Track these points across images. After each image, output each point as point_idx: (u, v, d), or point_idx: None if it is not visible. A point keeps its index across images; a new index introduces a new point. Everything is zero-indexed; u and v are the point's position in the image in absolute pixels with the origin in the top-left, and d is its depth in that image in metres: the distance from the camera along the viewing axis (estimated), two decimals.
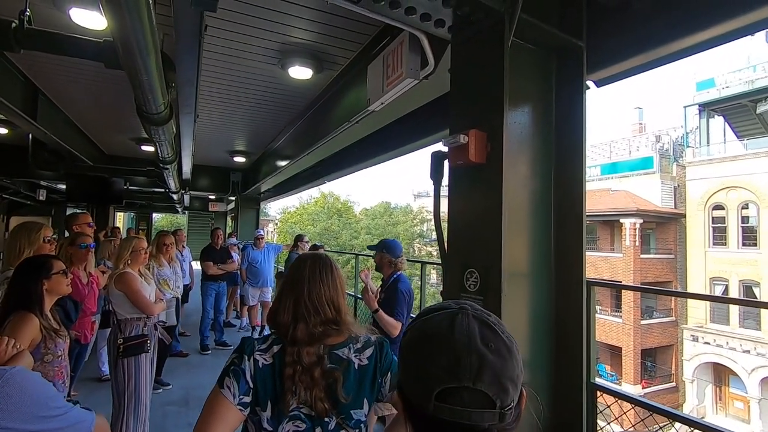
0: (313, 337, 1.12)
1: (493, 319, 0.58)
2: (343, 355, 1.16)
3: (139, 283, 2.87)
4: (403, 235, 29.89)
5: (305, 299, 1.15)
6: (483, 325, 0.55)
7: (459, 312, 0.57)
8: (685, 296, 19.00)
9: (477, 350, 0.52)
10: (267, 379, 1.09)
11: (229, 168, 9.12)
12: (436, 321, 0.57)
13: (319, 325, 1.13)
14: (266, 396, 1.09)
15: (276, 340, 1.14)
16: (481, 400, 0.51)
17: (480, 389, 0.51)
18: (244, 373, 1.08)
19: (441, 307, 0.59)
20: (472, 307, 0.58)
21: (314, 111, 4.44)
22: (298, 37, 3.06)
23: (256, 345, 1.13)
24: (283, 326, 1.14)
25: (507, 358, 0.54)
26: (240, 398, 1.06)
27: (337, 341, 1.18)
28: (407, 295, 2.85)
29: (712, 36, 1.68)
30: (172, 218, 33.55)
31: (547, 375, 1.86)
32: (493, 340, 0.54)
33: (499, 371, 0.52)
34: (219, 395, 1.07)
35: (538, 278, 1.85)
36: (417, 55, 2.16)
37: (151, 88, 2.20)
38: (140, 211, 15.37)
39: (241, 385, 1.07)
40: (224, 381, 1.08)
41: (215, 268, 5.95)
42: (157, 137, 3.30)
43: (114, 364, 2.78)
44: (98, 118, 5.57)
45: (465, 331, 0.54)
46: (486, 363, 0.52)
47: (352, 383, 1.14)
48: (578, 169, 1.86)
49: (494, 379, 0.52)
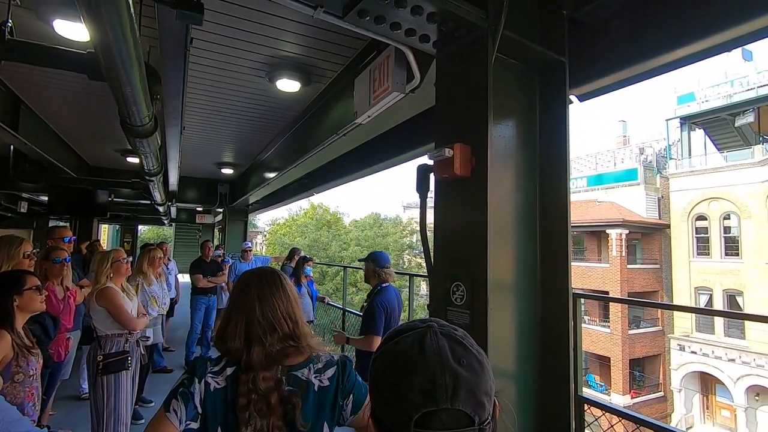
0: (270, 357, 1.04)
1: (460, 334, 0.57)
2: (303, 377, 1.09)
3: (121, 298, 2.81)
4: (393, 246, 29.87)
5: (258, 318, 1.07)
6: (452, 341, 0.55)
7: (427, 331, 0.55)
8: (670, 308, 19.23)
9: (450, 369, 0.51)
10: (218, 405, 1.01)
11: (217, 180, 9.05)
12: (406, 344, 0.55)
13: (277, 343, 1.06)
14: (216, 423, 1.01)
15: (230, 362, 1.07)
16: (460, 419, 0.50)
17: (458, 408, 0.50)
18: (192, 397, 1.00)
19: (408, 328, 0.58)
20: (438, 323, 0.58)
21: (302, 123, 4.44)
22: (285, 51, 3.07)
23: (208, 366, 1.05)
24: (235, 351, 1.05)
25: (480, 373, 0.53)
26: (187, 424, 0.99)
27: (296, 361, 1.10)
28: (382, 308, 2.85)
29: (690, 53, 1.73)
30: (159, 230, 33.04)
31: (534, 388, 1.84)
32: (465, 355, 0.53)
33: (474, 387, 0.52)
34: (163, 419, 0.98)
35: (525, 291, 1.85)
36: (403, 69, 2.17)
37: (135, 100, 2.18)
38: (125, 223, 15.11)
39: (189, 410, 0.99)
40: (171, 404, 1.00)
41: (205, 281, 5.88)
42: (141, 149, 3.25)
43: (93, 382, 2.71)
44: (82, 130, 5.49)
45: (436, 350, 0.53)
46: (461, 381, 0.51)
47: (311, 407, 1.06)
48: (562, 182, 1.88)
49: (470, 395, 0.51)
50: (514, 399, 1.79)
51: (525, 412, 1.81)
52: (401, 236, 31.73)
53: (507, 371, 1.78)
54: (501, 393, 1.59)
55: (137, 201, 8.62)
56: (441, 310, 1.77)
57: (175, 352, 6.18)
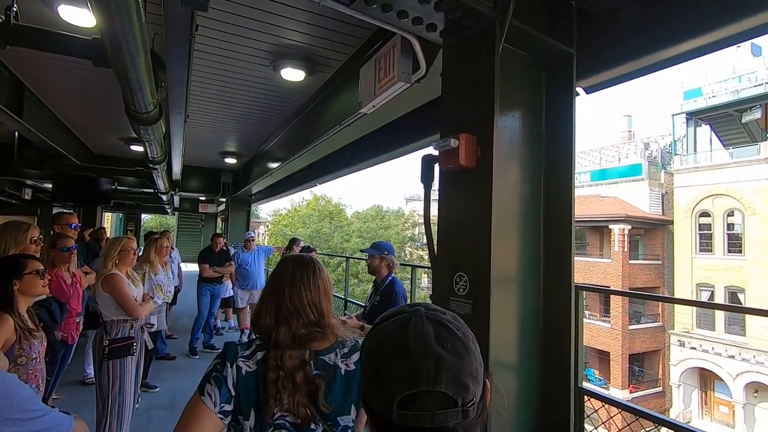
0: (296, 339, 1.09)
1: (448, 317, 0.57)
2: (330, 361, 1.14)
3: (126, 285, 2.83)
4: (395, 238, 29.91)
5: (286, 302, 1.12)
6: (438, 326, 0.55)
7: (412, 315, 0.56)
8: (671, 301, 19.24)
9: (433, 352, 0.52)
10: (250, 387, 1.06)
11: (220, 169, 9.06)
12: (391, 328, 0.56)
13: (303, 327, 1.11)
14: (249, 404, 1.05)
15: (260, 346, 1.11)
16: (442, 400, 0.51)
17: (440, 390, 0.51)
18: (226, 381, 1.04)
19: (395, 312, 0.58)
20: (426, 308, 0.58)
21: (306, 113, 4.42)
22: (290, 39, 3.06)
23: (239, 351, 1.09)
24: (266, 330, 1.11)
25: (464, 355, 0.53)
26: (221, 406, 1.03)
27: (322, 346, 1.15)
28: (404, 299, 2.88)
29: (698, 45, 1.71)
30: (162, 219, 33.18)
31: (535, 379, 1.86)
32: (449, 339, 0.54)
33: (457, 369, 0.52)
34: (199, 402, 1.02)
35: (527, 283, 1.86)
36: (409, 58, 2.16)
37: (140, 87, 2.17)
38: (129, 211, 15.17)
39: (222, 393, 1.03)
40: (205, 388, 1.04)
41: (211, 270, 5.95)
42: (146, 137, 3.26)
43: (99, 367, 2.74)
44: (86, 117, 5.49)
45: (419, 334, 0.53)
46: (443, 364, 0.51)
47: (339, 389, 1.11)
48: (567, 176, 1.88)
49: (453, 378, 0.51)
50: (516, 389, 1.81)
51: (526, 402, 1.82)
52: (403, 228, 31.77)
53: (509, 362, 1.80)
54: (502, 382, 1.60)
55: (141, 189, 8.65)
56: (444, 300, 1.77)
57: (178, 340, 6.24)
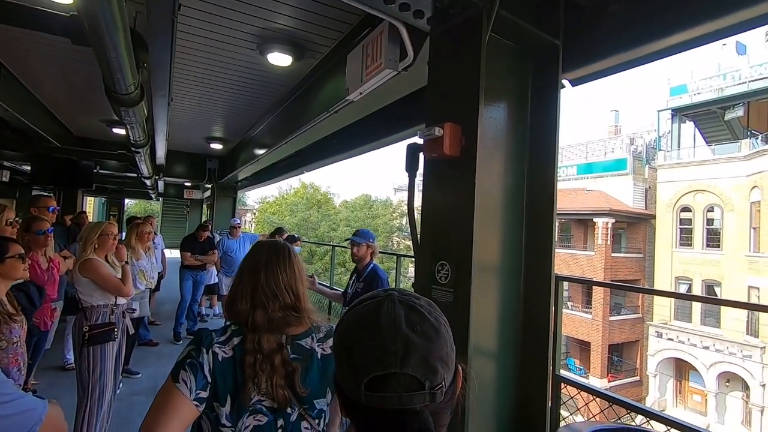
0: (272, 323, 1.09)
1: (421, 303, 0.58)
2: (307, 345, 1.14)
3: (106, 267, 2.79)
4: (382, 228, 29.96)
5: (262, 285, 1.12)
6: (409, 309, 0.55)
7: (385, 299, 0.57)
8: (647, 292, 19.73)
9: (402, 335, 0.53)
10: (227, 373, 1.04)
11: (206, 155, 8.91)
12: (364, 311, 0.57)
13: (279, 310, 1.11)
14: (226, 390, 1.04)
15: (235, 331, 1.10)
16: (410, 383, 0.52)
17: (407, 373, 0.51)
18: (202, 367, 1.02)
19: (370, 297, 0.59)
20: (399, 292, 0.59)
21: (293, 99, 4.37)
22: (278, 23, 3.00)
23: (214, 337, 1.08)
24: (242, 314, 1.11)
25: (434, 339, 0.54)
26: (197, 393, 1.01)
27: (299, 330, 1.16)
28: (387, 284, 2.99)
29: (684, 40, 1.73)
30: (146, 205, 32.62)
31: (514, 366, 1.89)
32: (420, 323, 0.54)
33: (426, 353, 0.53)
34: (173, 389, 1.00)
35: (509, 272, 1.88)
36: (396, 46, 2.14)
37: (119, 67, 2.11)
38: (111, 196, 14.85)
39: (198, 380, 1.01)
40: (179, 375, 1.01)
41: (192, 258, 5.88)
42: (127, 119, 3.18)
43: (79, 352, 2.71)
44: (66, 97, 5.33)
45: (390, 317, 0.54)
46: (412, 346, 0.52)
47: (316, 373, 1.12)
48: (550, 167, 1.89)
49: (421, 361, 0.52)
50: (495, 375, 1.84)
51: (504, 389, 1.86)
52: (391, 218, 31.80)
53: (488, 349, 1.83)
54: (482, 368, 1.62)
55: (124, 174, 8.48)
56: (426, 288, 1.79)
57: (161, 327, 6.20)
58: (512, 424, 1.87)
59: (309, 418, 1.11)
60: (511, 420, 1.87)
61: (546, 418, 1.86)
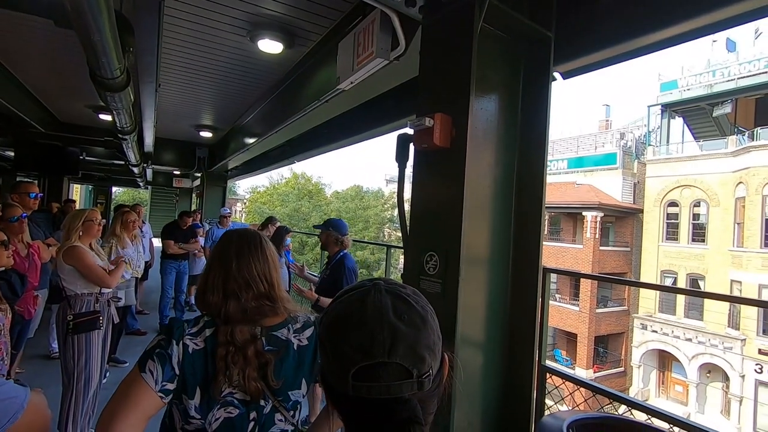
0: (246, 313, 1.07)
1: (407, 291, 0.58)
2: (283, 336, 1.12)
3: (90, 256, 2.75)
4: (374, 219, 29.96)
5: (234, 274, 1.09)
6: (396, 299, 0.55)
7: (371, 289, 0.56)
8: (632, 285, 20.08)
9: (390, 324, 0.52)
10: (197, 365, 1.01)
11: (195, 143, 8.78)
12: (350, 301, 0.56)
13: (252, 300, 1.08)
14: (195, 383, 1.01)
15: (208, 323, 1.07)
16: (397, 371, 0.52)
17: (395, 362, 0.51)
18: (170, 358, 0.99)
19: (355, 287, 0.59)
20: (385, 282, 0.58)
21: (284, 87, 4.31)
22: (268, 9, 2.94)
23: (186, 328, 1.05)
24: (214, 305, 1.07)
25: (421, 328, 0.54)
26: (163, 384, 0.98)
27: (274, 321, 1.13)
28: (353, 271, 2.99)
29: (676, 34, 1.73)
30: (134, 193, 32.20)
31: (501, 356, 1.92)
32: (407, 311, 0.54)
33: (414, 341, 0.53)
34: (138, 379, 0.97)
35: (497, 264, 1.89)
36: (388, 34, 2.11)
37: (104, 50, 2.06)
38: (99, 183, 14.62)
39: (165, 371, 0.98)
40: (146, 364, 0.98)
41: (176, 247, 5.80)
42: (113, 105, 3.11)
43: (63, 341, 2.68)
44: (51, 81, 5.20)
45: (377, 306, 0.54)
46: (399, 335, 0.52)
47: (292, 364, 1.10)
48: (540, 160, 1.90)
49: (409, 349, 0.52)
50: (482, 365, 1.86)
51: (491, 378, 1.88)
52: (382, 209, 31.80)
53: (476, 339, 1.84)
54: (469, 358, 1.63)
55: (111, 161, 8.33)
56: (414, 278, 1.79)
57: (148, 316, 6.16)
58: (498, 413, 1.90)
59: (283, 410, 1.09)
60: (497, 409, 1.90)
61: (531, 407, 1.90)
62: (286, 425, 1.10)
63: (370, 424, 0.53)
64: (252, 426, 1.05)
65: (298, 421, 1.14)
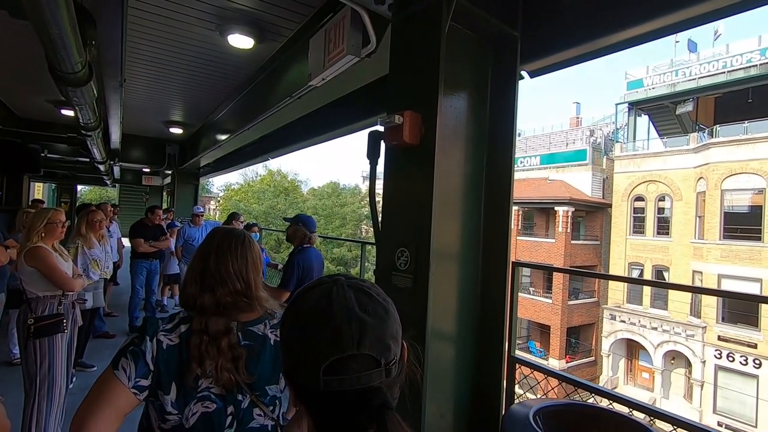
0: (220, 306, 1.08)
1: (367, 285, 0.60)
2: (259, 332, 1.14)
3: (54, 257, 2.65)
4: (351, 216, 29.87)
5: (212, 270, 1.11)
6: (358, 292, 0.57)
7: (333, 285, 0.58)
8: (600, 277, 20.80)
9: (357, 317, 0.54)
10: (171, 361, 1.02)
11: (165, 139, 8.53)
12: (314, 299, 0.57)
13: (228, 295, 1.10)
14: (170, 378, 1.02)
15: (183, 319, 1.09)
16: (367, 362, 0.54)
17: (364, 353, 0.53)
18: (144, 355, 1.00)
19: (315, 284, 0.60)
20: (346, 277, 0.60)
21: (256, 83, 4.25)
22: (237, 2, 2.89)
23: (160, 325, 1.06)
24: (191, 297, 1.10)
25: (385, 319, 0.57)
26: (136, 381, 0.98)
27: (251, 317, 1.15)
28: (299, 266, 3.05)
29: (639, 33, 1.79)
30: (101, 191, 31.03)
31: (472, 348, 1.96)
32: (370, 304, 0.57)
33: (380, 332, 0.55)
34: (111, 376, 0.97)
35: (467, 258, 1.94)
36: (359, 32, 2.12)
37: (63, 44, 1.98)
38: (62, 182, 13.99)
39: (139, 368, 0.99)
40: (119, 362, 0.99)
41: (146, 245, 5.62)
42: (75, 100, 2.99)
43: (24, 346, 2.57)
44: (7, 75, 4.94)
45: (342, 301, 0.55)
46: (366, 327, 0.54)
47: (269, 359, 1.11)
48: (508, 156, 1.95)
49: (376, 340, 0.54)
50: (453, 356, 1.90)
51: (462, 370, 1.93)
52: (360, 206, 31.74)
53: (447, 332, 1.88)
54: (441, 350, 1.66)
55: (75, 158, 7.99)
56: (386, 274, 1.81)
57: (117, 318, 5.96)
58: (470, 404, 1.95)
59: (262, 405, 1.10)
60: (469, 399, 1.95)
61: (501, 396, 1.95)
62: (266, 420, 1.11)
63: (343, 416, 0.54)
64: (230, 421, 1.06)
65: (278, 416, 1.15)
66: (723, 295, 14.61)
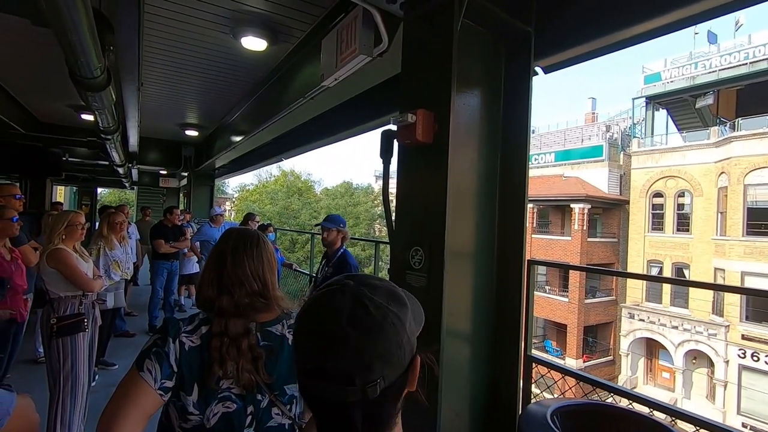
0: (239, 308, 1.09)
1: (375, 294, 0.56)
2: (277, 332, 1.14)
3: (74, 259, 2.71)
4: (364, 216, 29.93)
5: (228, 272, 1.11)
6: (357, 304, 0.54)
7: (337, 290, 0.56)
8: (619, 275, 20.41)
9: (340, 330, 0.52)
10: (194, 362, 1.03)
11: (181, 141, 8.67)
12: (315, 300, 0.57)
13: (245, 297, 1.10)
14: (192, 379, 1.03)
15: (203, 320, 1.10)
16: (340, 377, 0.52)
17: (340, 367, 0.52)
18: (167, 356, 1.01)
19: (328, 284, 0.59)
20: (358, 282, 0.57)
21: (269, 85, 4.29)
22: (250, 5, 2.92)
23: (181, 326, 1.07)
24: (209, 300, 1.10)
25: (375, 336, 0.53)
26: (162, 382, 0.99)
27: (268, 318, 1.15)
28: (355, 269, 3.06)
29: (655, 27, 1.76)
30: (120, 194, 31.69)
31: (487, 347, 1.95)
32: (362, 318, 0.53)
33: (362, 349, 0.52)
34: (137, 378, 0.98)
35: (482, 257, 1.92)
36: (371, 31, 2.12)
37: (83, 50, 2.03)
38: (83, 185, 14.34)
39: (164, 369, 1.00)
40: (144, 363, 1.00)
41: (167, 246, 5.73)
42: (95, 104, 3.06)
43: (48, 345, 2.65)
44: (29, 81, 5.09)
45: (333, 310, 0.54)
46: (347, 341, 0.52)
47: (287, 359, 1.12)
48: (522, 154, 1.93)
49: (355, 357, 0.52)
50: (468, 356, 1.89)
51: (478, 369, 1.91)
52: (372, 206, 31.79)
53: (462, 331, 1.87)
54: (456, 350, 1.65)
55: (95, 161, 8.19)
56: (400, 273, 1.81)
57: (137, 317, 6.09)
58: (486, 403, 1.93)
59: (280, 404, 1.10)
60: (485, 399, 1.93)
61: (517, 396, 1.94)
62: (283, 419, 1.12)
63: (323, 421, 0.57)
64: (249, 420, 1.07)
65: (295, 415, 1.16)
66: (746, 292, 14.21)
